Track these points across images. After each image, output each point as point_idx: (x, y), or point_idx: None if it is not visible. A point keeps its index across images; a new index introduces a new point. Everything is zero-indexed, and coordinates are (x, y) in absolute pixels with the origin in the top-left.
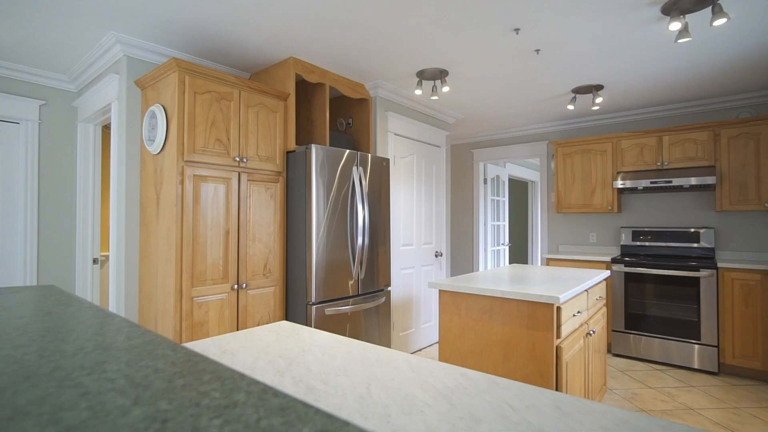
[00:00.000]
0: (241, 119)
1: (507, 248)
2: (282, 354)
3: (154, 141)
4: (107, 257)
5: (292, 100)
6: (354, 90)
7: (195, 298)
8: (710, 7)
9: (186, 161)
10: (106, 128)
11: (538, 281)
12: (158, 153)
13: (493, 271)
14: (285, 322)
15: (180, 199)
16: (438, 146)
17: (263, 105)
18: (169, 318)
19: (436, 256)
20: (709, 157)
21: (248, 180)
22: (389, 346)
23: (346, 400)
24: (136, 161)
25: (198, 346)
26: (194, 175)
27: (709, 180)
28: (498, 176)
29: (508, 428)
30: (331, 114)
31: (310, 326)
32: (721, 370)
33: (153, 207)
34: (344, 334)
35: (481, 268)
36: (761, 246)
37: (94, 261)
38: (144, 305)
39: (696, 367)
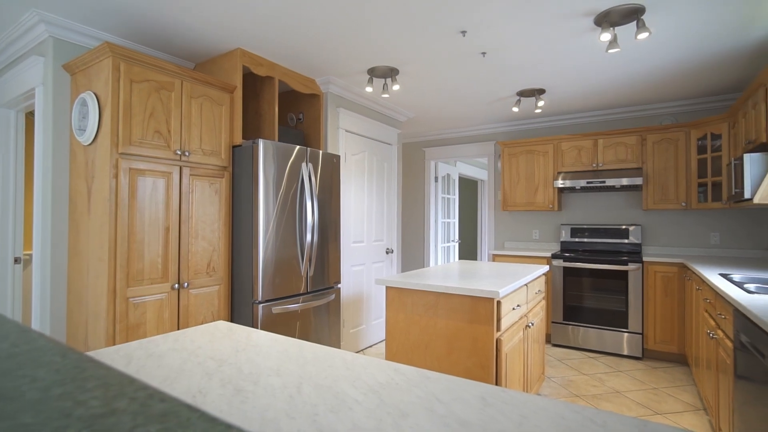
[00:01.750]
0: (183, 111)
1: (457, 245)
2: (214, 355)
3: (85, 131)
4: (31, 256)
5: (238, 92)
6: (304, 85)
7: (131, 299)
8: (635, 22)
9: (121, 153)
10: (30, 115)
11: (481, 276)
12: (90, 144)
13: (440, 268)
14: (222, 322)
15: (114, 193)
16: (390, 144)
17: (208, 97)
18: (101, 321)
19: (387, 253)
20: (637, 160)
21: (191, 174)
22: (339, 343)
23: (275, 401)
24: (65, 152)
25: (123, 350)
26: (130, 169)
27: (637, 181)
28: (449, 174)
29: (433, 421)
30: (281, 109)
31: (257, 325)
32: (645, 354)
33: (84, 202)
34: (294, 332)
35: (432, 264)
36: (679, 241)
37: (16, 260)
38: (73, 308)
39: (625, 353)
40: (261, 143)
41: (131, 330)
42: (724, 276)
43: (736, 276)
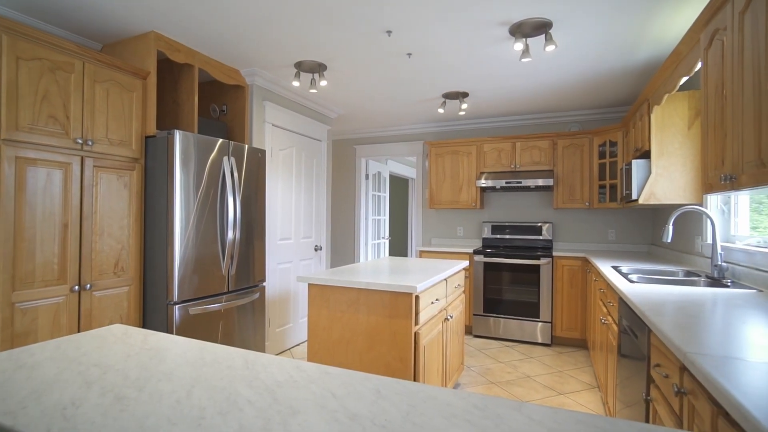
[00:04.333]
0: (85, 95)
1: (387, 242)
2: (99, 362)
3: None
4: None
5: (152, 79)
6: (228, 75)
7: (17, 304)
8: (544, 35)
9: (5, 140)
10: None
11: (405, 272)
12: None
13: (367, 264)
14: (118, 325)
15: None
16: (319, 140)
17: (116, 81)
18: None
19: (316, 250)
20: (549, 163)
21: (95, 166)
22: (264, 343)
23: (160, 407)
24: None
25: None
26: (17, 157)
27: (549, 182)
28: (380, 172)
29: (323, 416)
30: (203, 100)
31: (172, 327)
32: (554, 341)
33: None
34: (216, 333)
35: (362, 260)
36: (583, 237)
37: None
38: None
39: (539, 341)
40: (178, 134)
41: (18, 339)
42: (615, 268)
43: (625, 268)
